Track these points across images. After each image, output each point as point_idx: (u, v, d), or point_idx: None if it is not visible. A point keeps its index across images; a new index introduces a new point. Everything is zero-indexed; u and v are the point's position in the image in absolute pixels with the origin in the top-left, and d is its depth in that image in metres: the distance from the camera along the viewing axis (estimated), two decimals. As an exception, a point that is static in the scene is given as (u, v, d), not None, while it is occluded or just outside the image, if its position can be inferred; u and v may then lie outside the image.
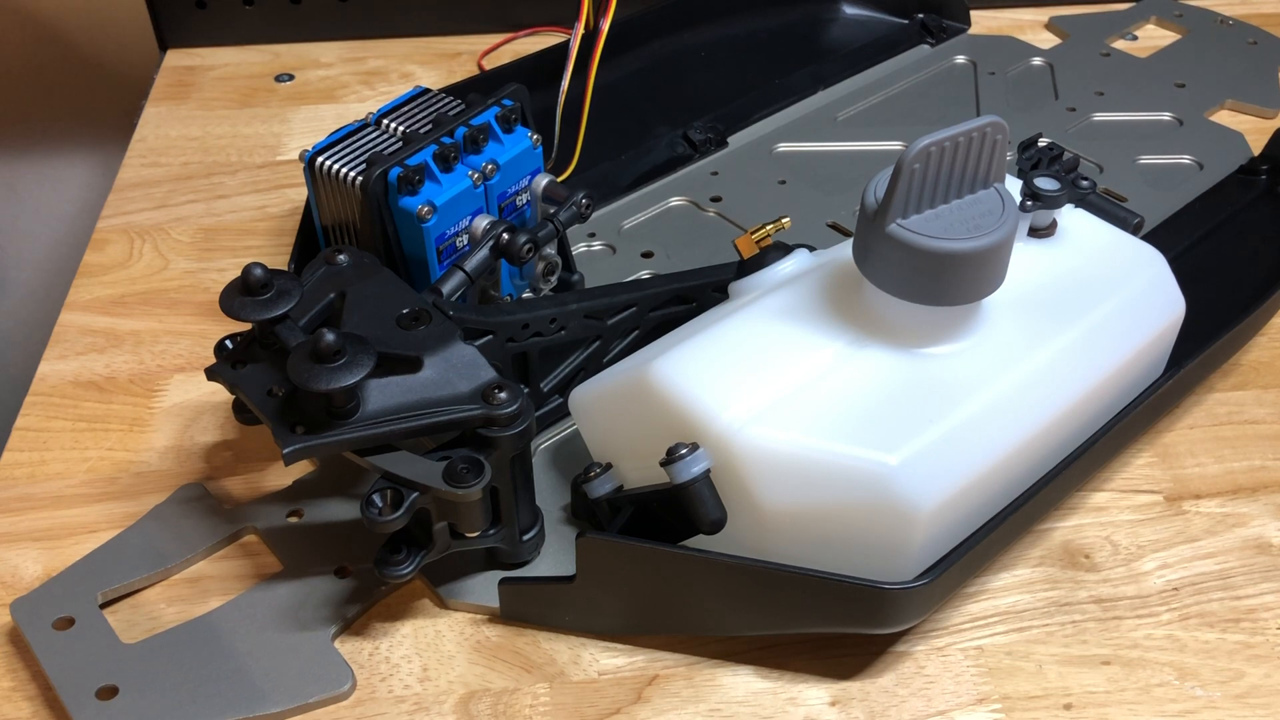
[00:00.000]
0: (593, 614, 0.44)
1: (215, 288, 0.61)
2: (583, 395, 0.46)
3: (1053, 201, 0.45)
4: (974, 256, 0.39)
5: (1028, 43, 0.80)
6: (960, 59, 0.78)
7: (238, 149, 0.72)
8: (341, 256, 0.46)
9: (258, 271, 0.41)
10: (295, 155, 0.71)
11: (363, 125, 0.52)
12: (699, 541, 0.41)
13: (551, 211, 0.52)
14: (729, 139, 0.70)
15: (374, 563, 0.42)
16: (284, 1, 0.81)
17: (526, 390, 0.43)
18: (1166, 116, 0.72)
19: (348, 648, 0.44)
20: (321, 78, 0.79)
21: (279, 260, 0.62)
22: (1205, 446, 0.52)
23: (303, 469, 0.50)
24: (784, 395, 0.40)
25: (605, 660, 0.44)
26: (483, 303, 0.50)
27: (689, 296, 0.51)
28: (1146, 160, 0.68)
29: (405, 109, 0.53)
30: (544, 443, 0.51)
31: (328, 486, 0.49)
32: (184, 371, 0.56)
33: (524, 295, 0.54)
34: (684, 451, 0.39)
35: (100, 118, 0.86)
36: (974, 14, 0.81)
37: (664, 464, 0.39)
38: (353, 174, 0.49)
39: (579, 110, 0.61)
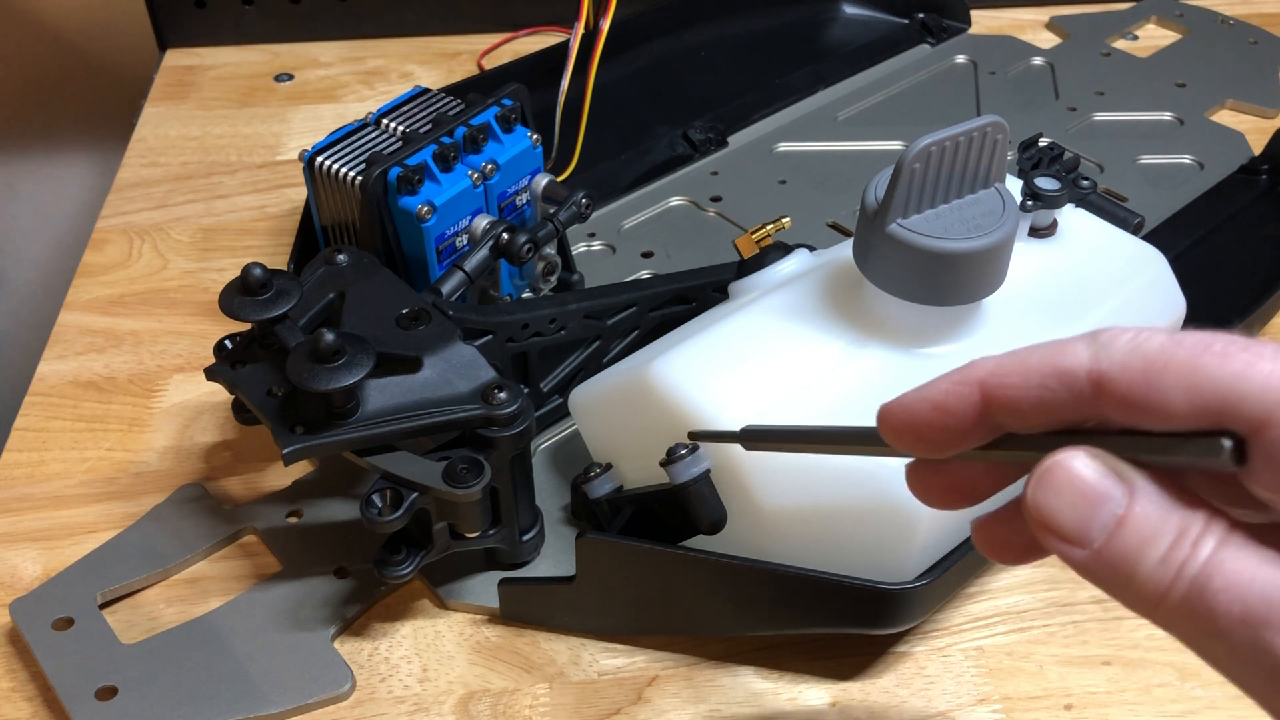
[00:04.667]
0: (592, 614, 0.44)
1: (215, 288, 0.61)
2: (583, 395, 0.46)
3: (1053, 201, 0.45)
4: (974, 256, 0.39)
5: (1028, 42, 0.80)
6: (960, 59, 0.78)
7: (237, 149, 0.72)
8: (341, 256, 0.46)
9: (257, 271, 0.41)
10: (295, 155, 0.71)
11: (362, 125, 0.52)
12: (699, 541, 0.41)
13: (551, 211, 0.52)
14: (729, 139, 0.70)
15: (373, 563, 0.42)
16: (284, 1, 0.81)
17: (526, 390, 0.43)
18: (1167, 116, 0.72)
19: (347, 648, 0.44)
20: (321, 77, 0.79)
21: (278, 260, 0.62)
22: (1206, 446, 0.52)
23: (302, 469, 0.50)
24: (784, 395, 0.40)
25: (605, 660, 0.44)
26: (482, 303, 0.50)
27: (689, 296, 0.51)
28: (1147, 160, 0.68)
29: (405, 109, 0.53)
30: (544, 443, 0.51)
31: (327, 487, 0.49)
32: (183, 371, 0.56)
33: (524, 295, 0.54)
34: (684, 452, 0.39)
35: (100, 118, 0.86)
36: (974, 14, 0.81)
37: (664, 464, 0.39)
38: (352, 174, 0.49)
39: (579, 110, 0.61)
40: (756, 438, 0.35)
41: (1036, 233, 0.46)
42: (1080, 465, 0.23)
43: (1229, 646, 0.21)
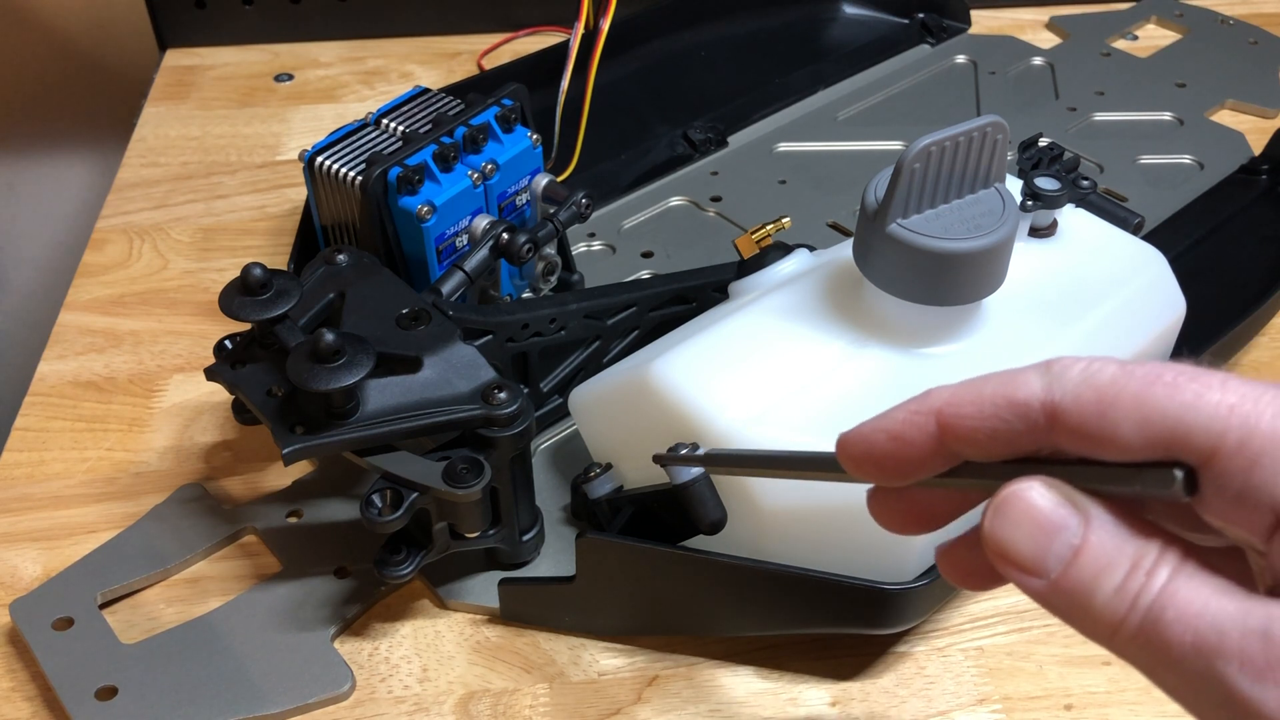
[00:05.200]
0: (593, 614, 0.44)
1: (215, 288, 0.61)
2: (583, 395, 0.46)
3: (1053, 201, 0.45)
4: (974, 256, 0.39)
5: (1028, 42, 0.80)
6: (960, 59, 0.78)
7: (237, 149, 0.72)
8: (341, 256, 0.46)
9: (257, 271, 0.41)
10: (295, 155, 0.71)
11: (362, 125, 0.52)
12: (699, 542, 0.41)
13: (551, 211, 0.52)
14: (729, 139, 0.70)
15: (374, 563, 0.42)
16: (284, 1, 0.81)
17: (526, 390, 0.43)
18: (1167, 116, 0.72)
19: (347, 648, 0.44)
20: (321, 77, 0.79)
21: (278, 260, 0.62)
22: (1206, 446, 0.52)
23: (302, 469, 0.50)
24: (784, 395, 0.40)
25: (605, 660, 0.44)
26: (482, 303, 0.50)
27: (689, 296, 0.51)
28: (1147, 160, 0.68)
29: (405, 109, 0.53)
30: (544, 443, 0.51)
31: (327, 486, 0.49)
32: (183, 371, 0.56)
33: (524, 295, 0.54)
34: (684, 451, 0.39)
35: (100, 118, 0.86)
36: (974, 14, 0.81)
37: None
38: (352, 174, 0.49)
39: (579, 110, 0.61)
40: (719, 462, 0.35)
41: (1036, 233, 0.46)
42: (1036, 495, 0.23)
43: (1183, 676, 0.22)
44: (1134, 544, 0.22)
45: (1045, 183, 0.45)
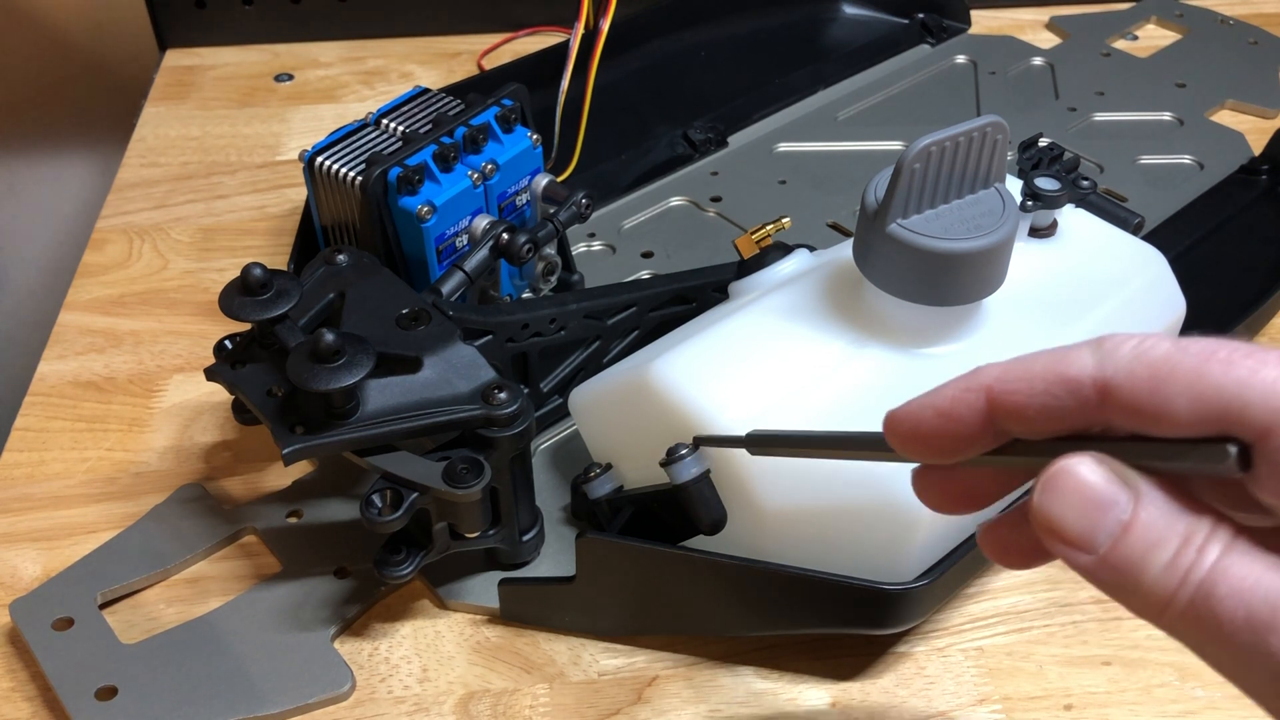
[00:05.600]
0: (593, 614, 0.44)
1: (215, 288, 0.61)
2: (583, 395, 0.46)
3: (1053, 201, 0.45)
4: (974, 256, 0.39)
5: (1028, 42, 0.80)
6: (960, 59, 0.78)
7: (237, 149, 0.72)
8: (341, 256, 0.46)
9: (257, 271, 0.41)
10: (295, 155, 0.71)
11: (362, 125, 0.52)
12: (699, 542, 0.41)
13: (551, 211, 0.52)
14: (729, 139, 0.70)
15: (373, 563, 0.42)
16: (284, 1, 0.81)
17: (526, 390, 0.43)
18: (1167, 116, 0.72)
19: (347, 648, 0.44)
20: (321, 77, 0.79)
21: (278, 260, 0.62)
22: (1206, 447, 0.52)
23: (302, 469, 0.50)
24: (784, 395, 0.40)
25: (605, 661, 0.44)
26: (482, 303, 0.50)
27: (689, 296, 0.51)
28: (1147, 160, 0.68)
29: (405, 109, 0.53)
30: (544, 443, 0.51)
31: (327, 487, 0.49)
32: (183, 371, 0.56)
33: (524, 295, 0.54)
34: (684, 452, 0.39)
35: (100, 118, 0.86)
36: (974, 14, 0.81)
37: (664, 464, 0.39)
38: (352, 174, 0.49)
39: (579, 110, 0.61)
40: (762, 443, 0.35)
41: (1036, 233, 0.46)
42: (1086, 471, 0.23)
43: (1234, 651, 0.22)
44: (1185, 520, 0.23)
45: (1045, 183, 0.45)
